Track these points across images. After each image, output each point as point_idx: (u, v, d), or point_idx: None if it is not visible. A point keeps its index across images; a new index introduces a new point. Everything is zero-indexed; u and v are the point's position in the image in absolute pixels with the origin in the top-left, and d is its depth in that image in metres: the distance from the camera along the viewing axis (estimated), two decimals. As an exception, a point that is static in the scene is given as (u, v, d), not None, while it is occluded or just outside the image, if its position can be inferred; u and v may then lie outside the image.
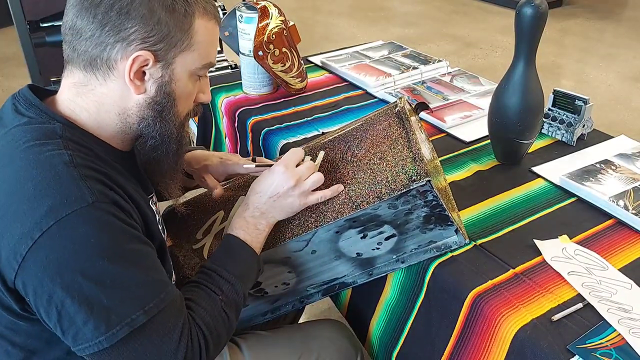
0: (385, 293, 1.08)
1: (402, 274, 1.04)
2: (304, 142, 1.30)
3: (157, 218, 0.93)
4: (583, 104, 1.32)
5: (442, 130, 1.42)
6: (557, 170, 1.23)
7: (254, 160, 1.11)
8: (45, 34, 2.56)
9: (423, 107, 1.11)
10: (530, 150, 1.30)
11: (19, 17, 2.43)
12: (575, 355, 0.81)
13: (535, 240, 1.03)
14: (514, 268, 0.97)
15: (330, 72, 1.76)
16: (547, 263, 0.98)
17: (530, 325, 0.86)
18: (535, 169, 1.25)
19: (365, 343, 1.16)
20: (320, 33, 4.43)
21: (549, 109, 1.38)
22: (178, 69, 0.83)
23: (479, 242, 1.03)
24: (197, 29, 0.82)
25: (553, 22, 4.55)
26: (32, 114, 0.81)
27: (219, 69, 2.51)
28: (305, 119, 1.47)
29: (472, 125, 1.43)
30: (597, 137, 1.38)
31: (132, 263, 0.75)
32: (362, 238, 0.97)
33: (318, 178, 0.95)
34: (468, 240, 1.01)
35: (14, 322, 0.79)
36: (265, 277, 1.02)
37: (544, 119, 1.35)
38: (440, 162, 1.22)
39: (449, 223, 0.96)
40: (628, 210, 1.09)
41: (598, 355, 0.82)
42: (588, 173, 1.21)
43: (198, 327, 0.81)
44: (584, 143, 1.36)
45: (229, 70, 2.52)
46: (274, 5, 1.52)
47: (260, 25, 1.48)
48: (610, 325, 0.86)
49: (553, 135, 1.39)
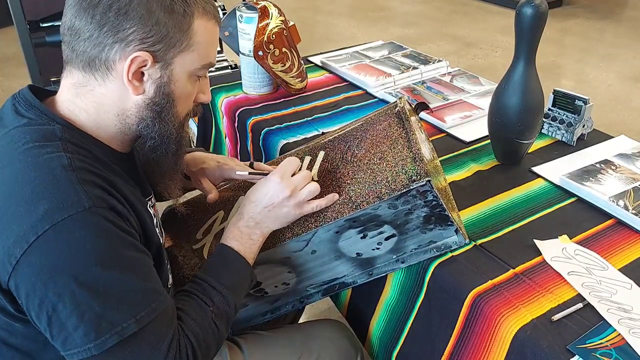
0: (385, 293, 1.08)
1: (402, 274, 1.04)
2: (304, 142, 1.30)
3: (154, 221, 0.92)
4: (583, 104, 1.32)
5: (442, 130, 1.42)
6: (557, 170, 1.23)
7: (252, 166, 1.10)
8: (45, 34, 2.57)
9: (423, 107, 1.11)
10: (530, 150, 1.30)
11: (19, 17, 2.43)
12: (575, 355, 0.81)
13: (535, 240, 1.03)
14: (514, 268, 0.97)
15: (330, 72, 1.76)
16: (547, 263, 0.98)
17: (530, 325, 0.86)
18: (535, 169, 1.25)
19: (365, 343, 1.16)
20: (320, 33, 4.43)
21: (549, 109, 1.38)
22: (177, 70, 0.82)
23: (479, 242, 1.03)
24: (196, 30, 0.82)
25: (553, 22, 4.55)
26: (31, 115, 0.81)
27: (219, 69, 2.51)
28: (305, 119, 1.47)
29: (472, 125, 1.43)
30: (597, 137, 1.38)
31: (126, 270, 0.74)
32: (362, 238, 0.97)
33: (314, 188, 0.94)
34: (468, 240, 1.01)
35: (10, 323, 0.78)
36: (265, 277, 1.02)
37: (544, 119, 1.35)
38: (440, 162, 1.22)
39: (449, 223, 0.96)
40: (628, 210, 1.09)
41: (598, 355, 0.82)
42: (588, 173, 1.21)
43: (187, 338, 0.80)
44: (584, 143, 1.36)
45: (229, 70, 2.52)
46: (274, 5, 1.52)
47: (260, 25, 1.48)
48: (610, 325, 0.86)
49: (553, 135, 1.39)
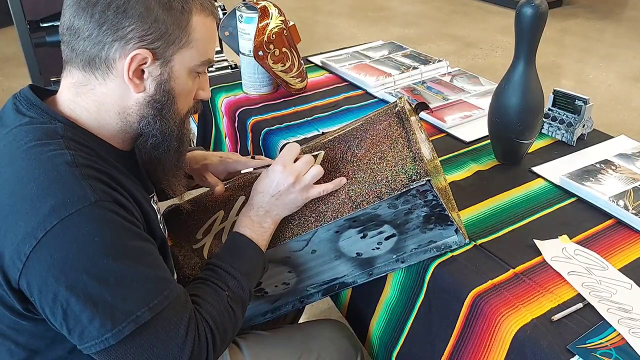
0: (385, 293, 1.08)
1: (402, 274, 1.04)
2: (304, 142, 1.30)
3: (158, 217, 0.93)
4: (583, 104, 1.32)
5: (442, 130, 1.42)
6: (557, 170, 1.23)
7: (253, 159, 1.11)
8: (45, 34, 2.57)
9: (423, 107, 1.11)
10: (530, 150, 1.30)
11: (19, 17, 2.44)
12: (575, 355, 0.81)
13: (535, 240, 1.03)
14: (514, 268, 0.97)
15: (330, 72, 1.76)
16: (547, 263, 0.98)
17: (530, 325, 0.86)
18: (535, 169, 1.25)
19: (365, 343, 1.16)
20: (320, 33, 4.43)
21: (549, 109, 1.38)
22: (177, 67, 0.82)
23: (479, 242, 1.03)
24: (194, 26, 0.82)
25: (553, 22, 4.55)
26: (33, 114, 0.81)
27: (219, 69, 2.51)
28: (305, 119, 1.47)
29: (472, 125, 1.43)
30: (597, 137, 1.38)
31: (135, 260, 0.75)
32: (362, 238, 0.97)
33: (317, 171, 0.95)
34: (468, 240, 1.01)
35: (17, 321, 0.79)
36: (266, 277, 1.02)
37: (544, 119, 1.35)
38: (440, 162, 1.22)
39: (449, 223, 0.96)
40: (628, 210, 1.09)
41: (598, 355, 0.82)
42: (588, 173, 1.21)
43: (205, 321, 0.81)
44: (584, 143, 1.36)
45: (229, 70, 2.52)
46: (274, 5, 1.52)
47: (260, 25, 1.48)
48: (610, 325, 0.86)
49: (553, 135, 1.39)
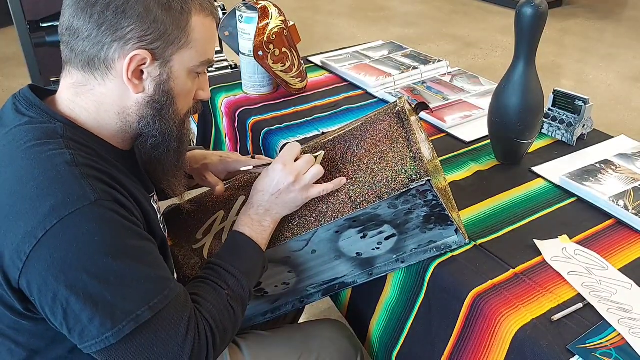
0: (385, 293, 1.08)
1: (402, 274, 1.04)
2: (304, 142, 1.30)
3: (158, 216, 0.93)
4: (583, 104, 1.32)
5: (442, 130, 1.42)
6: (557, 170, 1.23)
7: (254, 158, 1.11)
8: (45, 34, 2.57)
9: (423, 107, 1.11)
10: (530, 150, 1.30)
11: (19, 17, 2.44)
12: (575, 355, 0.81)
13: (535, 240, 1.03)
14: (514, 268, 0.97)
15: (330, 72, 1.76)
16: (547, 263, 0.98)
17: (530, 325, 0.86)
18: (535, 169, 1.25)
19: (365, 343, 1.16)
20: (320, 33, 4.43)
21: (549, 109, 1.38)
22: (176, 67, 0.82)
23: (479, 242, 1.03)
24: (194, 26, 0.82)
25: (553, 22, 4.55)
26: (32, 114, 0.81)
27: (219, 69, 2.51)
28: (305, 119, 1.47)
29: (472, 125, 1.43)
30: (597, 137, 1.38)
31: (135, 260, 0.75)
32: (362, 238, 0.97)
33: (317, 171, 0.95)
34: (468, 240, 1.01)
35: (17, 321, 0.79)
36: (265, 277, 1.02)
37: (544, 119, 1.35)
38: (440, 162, 1.22)
39: (449, 223, 0.96)
40: (628, 210, 1.09)
41: (598, 355, 0.82)
42: (588, 173, 1.21)
43: (205, 320, 0.81)
44: (584, 143, 1.36)
45: (229, 70, 2.52)
46: (274, 5, 1.52)
47: (260, 25, 1.48)
48: (610, 325, 0.86)
49: (553, 135, 1.39)
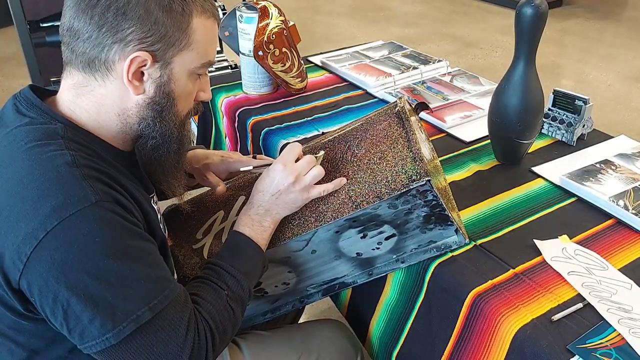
0: (385, 293, 1.08)
1: (402, 274, 1.04)
2: (304, 142, 1.30)
3: (158, 217, 0.93)
4: (583, 104, 1.32)
5: (442, 130, 1.42)
6: (557, 170, 1.23)
7: (255, 158, 1.11)
8: (45, 34, 2.57)
9: (423, 107, 1.11)
10: (530, 150, 1.30)
11: (19, 17, 2.44)
12: (575, 355, 0.81)
13: (535, 240, 1.03)
14: (514, 268, 0.97)
15: (330, 72, 1.76)
16: (547, 263, 0.98)
17: (530, 325, 0.86)
18: (535, 169, 1.25)
19: (365, 343, 1.16)
20: (320, 33, 4.43)
21: (549, 109, 1.38)
22: (177, 69, 0.82)
23: (479, 242, 1.03)
24: (195, 28, 0.82)
25: (553, 22, 4.55)
26: (33, 115, 0.81)
27: (219, 69, 2.51)
28: (305, 119, 1.47)
29: (472, 125, 1.43)
30: (597, 137, 1.38)
31: (136, 260, 0.75)
32: (362, 238, 0.97)
33: (318, 172, 0.95)
34: (468, 240, 1.01)
35: (17, 321, 0.79)
36: (265, 277, 1.02)
37: (544, 119, 1.35)
38: (440, 162, 1.22)
39: (449, 223, 0.96)
40: (628, 210, 1.09)
41: (598, 355, 0.82)
42: (588, 173, 1.21)
43: (205, 321, 0.81)
44: (584, 143, 1.36)
45: (229, 70, 2.52)
46: (274, 5, 1.52)
47: (260, 25, 1.48)
48: (610, 325, 0.86)
49: (553, 135, 1.39)
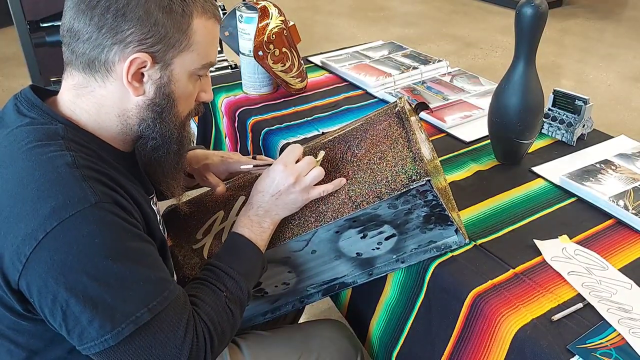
0: (385, 293, 1.08)
1: (402, 274, 1.04)
2: (304, 142, 1.30)
3: (157, 218, 0.93)
4: (583, 104, 1.32)
5: (442, 130, 1.42)
6: (557, 170, 1.23)
7: (255, 159, 1.11)
8: (45, 34, 2.57)
9: (423, 107, 1.11)
10: (530, 150, 1.30)
11: (19, 17, 2.44)
12: (575, 355, 0.82)
13: (535, 240, 1.03)
14: (514, 268, 0.97)
15: (330, 72, 1.76)
16: (547, 263, 0.98)
17: (530, 325, 0.86)
18: (535, 169, 1.25)
19: (365, 343, 1.16)
20: (320, 33, 4.43)
21: (549, 109, 1.38)
22: (177, 70, 0.82)
23: (479, 242, 1.03)
24: (195, 29, 0.81)
25: (553, 22, 4.55)
26: (34, 115, 0.81)
27: (219, 69, 2.51)
28: (305, 119, 1.47)
29: (472, 125, 1.43)
30: (597, 137, 1.38)
31: (135, 262, 0.75)
32: (362, 238, 0.97)
33: (318, 173, 0.95)
34: (468, 240, 1.01)
35: (17, 322, 0.79)
36: (265, 277, 1.02)
37: (544, 119, 1.35)
38: (440, 162, 1.22)
39: (449, 223, 0.96)
40: (628, 210, 1.09)
41: (598, 355, 0.82)
42: (588, 173, 1.21)
43: (203, 322, 0.81)
44: (584, 143, 1.36)
45: (229, 70, 2.52)
46: (274, 5, 1.52)
47: (260, 25, 1.48)
48: (610, 325, 0.86)
49: (553, 135, 1.39)
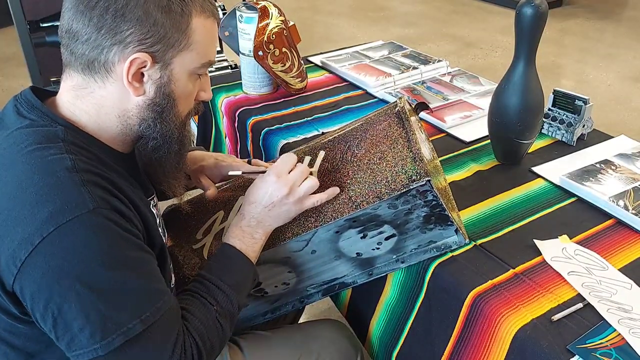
0: (385, 293, 1.08)
1: (402, 274, 1.04)
2: (304, 142, 1.30)
3: (157, 221, 0.92)
4: (583, 104, 1.32)
5: (442, 130, 1.42)
6: (557, 170, 1.23)
7: (250, 163, 1.10)
8: (45, 34, 2.57)
9: (423, 107, 1.11)
10: (530, 150, 1.30)
11: (19, 17, 2.44)
12: (575, 355, 0.82)
13: (535, 240, 1.03)
14: (514, 268, 0.97)
15: (330, 72, 1.76)
16: (547, 263, 0.98)
17: (530, 325, 0.86)
18: (535, 169, 1.25)
19: (365, 343, 1.16)
20: (320, 33, 4.43)
21: (549, 109, 1.38)
22: (177, 69, 0.82)
23: (479, 242, 1.03)
24: (194, 28, 0.81)
25: (553, 22, 4.55)
26: (34, 117, 0.80)
27: (219, 69, 2.51)
28: (305, 119, 1.47)
29: (472, 125, 1.43)
30: (597, 137, 1.38)
31: (130, 271, 0.75)
32: (362, 238, 0.97)
33: (312, 184, 0.94)
34: (468, 240, 1.01)
35: (13, 325, 0.78)
36: (265, 277, 1.02)
37: (544, 119, 1.35)
38: (440, 162, 1.22)
39: (449, 223, 0.96)
40: (628, 210, 1.09)
41: (598, 355, 0.82)
42: (588, 173, 1.21)
43: (192, 337, 0.80)
44: (584, 143, 1.36)
45: (229, 70, 2.51)
46: (274, 5, 1.52)
47: (260, 25, 1.48)
48: (610, 325, 0.86)
49: (553, 135, 1.39)
